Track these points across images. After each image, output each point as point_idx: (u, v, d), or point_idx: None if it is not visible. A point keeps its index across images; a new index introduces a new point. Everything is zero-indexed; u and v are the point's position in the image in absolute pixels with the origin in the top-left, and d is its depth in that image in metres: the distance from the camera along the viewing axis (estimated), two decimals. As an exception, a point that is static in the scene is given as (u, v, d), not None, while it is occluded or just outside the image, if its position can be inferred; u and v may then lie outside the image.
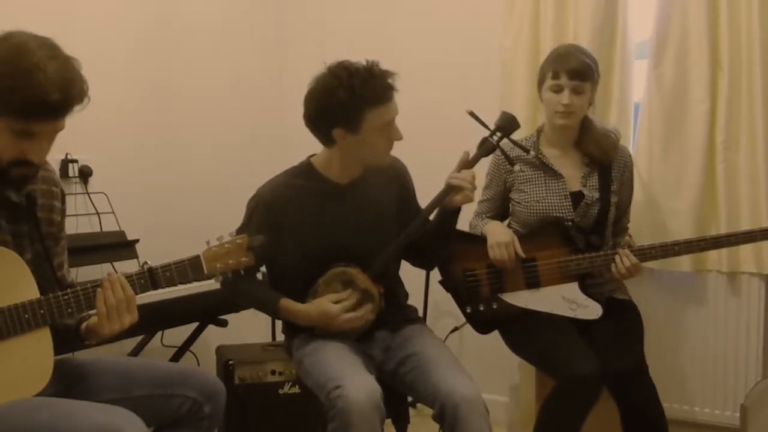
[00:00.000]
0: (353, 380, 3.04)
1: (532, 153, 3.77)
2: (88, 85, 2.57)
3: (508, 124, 3.46)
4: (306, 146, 3.51)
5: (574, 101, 3.69)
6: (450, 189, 3.33)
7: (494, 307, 3.80)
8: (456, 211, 3.42)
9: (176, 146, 4.95)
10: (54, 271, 2.72)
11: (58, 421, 2.38)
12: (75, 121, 4.23)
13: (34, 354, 2.52)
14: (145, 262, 2.73)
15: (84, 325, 2.72)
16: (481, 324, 3.88)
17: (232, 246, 2.73)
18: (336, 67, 3.28)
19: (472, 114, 3.42)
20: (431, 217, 3.48)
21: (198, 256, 2.69)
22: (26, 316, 2.48)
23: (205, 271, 2.69)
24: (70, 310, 2.55)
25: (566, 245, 3.71)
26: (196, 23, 5.07)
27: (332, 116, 3.27)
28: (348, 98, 3.21)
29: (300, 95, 3.36)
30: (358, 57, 3.32)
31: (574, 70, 3.67)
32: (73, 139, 4.24)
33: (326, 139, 3.35)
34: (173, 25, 4.94)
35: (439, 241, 3.56)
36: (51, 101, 2.41)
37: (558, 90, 3.71)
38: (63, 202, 2.87)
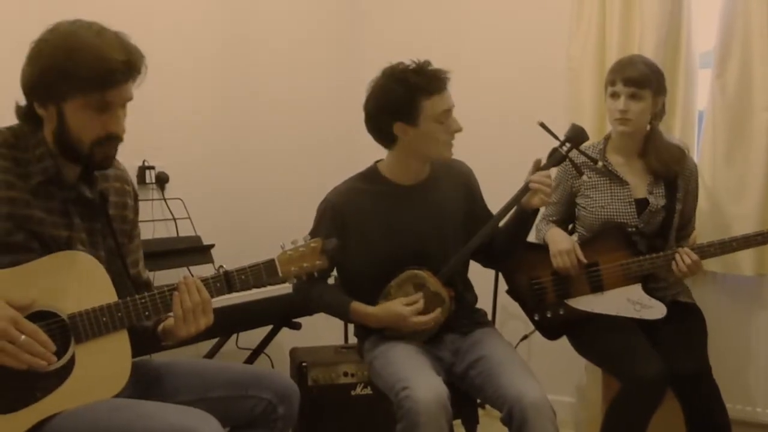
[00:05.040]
0: (420, 381, 3.07)
1: (600, 164, 3.80)
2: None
3: (577, 136, 3.49)
4: (376, 149, 3.55)
5: (630, 107, 3.71)
6: (526, 190, 3.36)
7: (561, 312, 3.83)
8: (534, 212, 3.45)
9: (251, 152, 5.02)
10: (126, 269, 2.76)
11: (134, 422, 2.42)
12: (152, 129, 4.36)
13: (113, 356, 2.55)
14: (221, 266, 2.76)
15: (161, 326, 2.77)
16: (549, 330, 3.92)
17: (306, 249, 2.74)
18: (388, 68, 3.39)
19: (542, 125, 3.45)
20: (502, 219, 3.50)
21: (273, 260, 2.71)
22: (104, 319, 2.51)
23: (280, 274, 2.72)
24: (147, 314, 2.59)
25: (627, 248, 3.74)
26: (270, 30, 5.14)
27: (391, 111, 3.35)
28: (403, 91, 3.31)
29: (372, 101, 3.45)
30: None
31: (630, 78, 3.69)
32: (149, 146, 4.35)
33: (388, 138, 3.42)
34: (247, 33, 5.01)
35: (514, 241, 3.58)
36: (117, 63, 2.46)
37: (615, 96, 3.75)
38: (136, 200, 2.92)
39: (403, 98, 3.31)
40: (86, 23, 2.53)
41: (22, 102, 2.58)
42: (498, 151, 4.96)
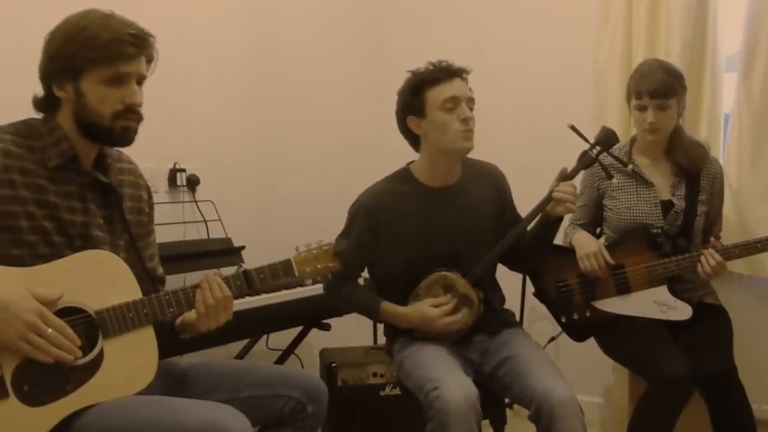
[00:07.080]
0: (450, 381, 3.08)
1: (630, 167, 3.81)
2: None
3: (607, 139, 3.49)
4: (407, 151, 3.58)
5: (660, 118, 3.72)
6: (551, 199, 3.36)
7: (588, 314, 3.84)
8: (558, 220, 3.44)
9: (281, 155, 5.04)
10: (142, 261, 2.82)
11: (164, 417, 2.45)
12: (182, 131, 4.40)
13: (140, 351, 2.60)
14: (240, 265, 2.85)
15: (179, 320, 2.85)
16: (576, 332, 3.93)
17: (319, 252, 2.84)
18: (412, 71, 3.48)
19: (573, 128, 3.46)
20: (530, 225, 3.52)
21: (289, 260, 2.80)
22: (130, 314, 2.57)
23: (297, 274, 2.81)
24: (171, 310, 2.65)
25: (653, 250, 3.75)
26: (300, 34, 5.16)
27: (403, 108, 3.47)
28: (410, 84, 3.43)
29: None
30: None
31: (655, 91, 3.69)
32: (180, 148, 4.38)
33: (411, 137, 3.51)
34: (277, 35, 5.04)
35: (539, 247, 3.58)
36: (127, 35, 2.58)
37: (642, 109, 3.75)
38: (150, 195, 2.98)
39: (412, 92, 3.41)
40: (93, 9, 2.64)
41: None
42: (525, 153, 4.99)
